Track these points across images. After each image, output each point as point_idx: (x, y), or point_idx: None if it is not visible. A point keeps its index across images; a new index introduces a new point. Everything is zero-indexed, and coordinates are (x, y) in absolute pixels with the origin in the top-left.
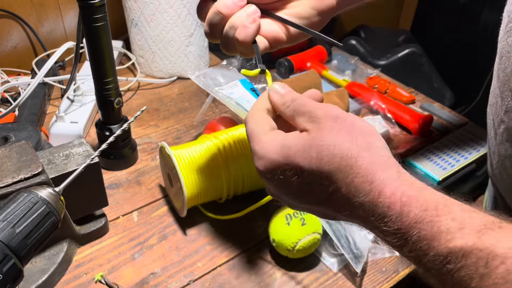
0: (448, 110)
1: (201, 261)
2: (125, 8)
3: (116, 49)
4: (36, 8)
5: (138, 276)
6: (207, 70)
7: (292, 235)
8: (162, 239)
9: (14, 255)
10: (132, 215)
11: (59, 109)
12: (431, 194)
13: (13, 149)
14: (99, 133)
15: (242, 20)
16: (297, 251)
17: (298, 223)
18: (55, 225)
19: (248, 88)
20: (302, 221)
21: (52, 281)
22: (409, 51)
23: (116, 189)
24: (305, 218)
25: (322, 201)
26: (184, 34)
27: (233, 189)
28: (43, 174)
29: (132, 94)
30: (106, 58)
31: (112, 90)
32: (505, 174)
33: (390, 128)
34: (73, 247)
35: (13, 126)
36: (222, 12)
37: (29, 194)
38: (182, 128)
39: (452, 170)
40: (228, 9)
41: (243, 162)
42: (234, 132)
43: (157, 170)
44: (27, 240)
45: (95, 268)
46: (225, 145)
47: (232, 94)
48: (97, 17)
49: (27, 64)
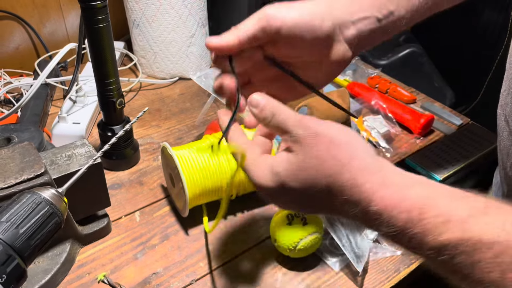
0: (449, 109)
1: (203, 260)
2: (127, 9)
3: (117, 50)
4: (38, 9)
5: (141, 276)
6: (208, 70)
7: (294, 234)
8: (164, 239)
9: (18, 256)
10: (134, 215)
11: (61, 110)
12: (416, 192)
13: (16, 150)
14: (101, 133)
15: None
16: (299, 250)
17: (300, 223)
18: (58, 226)
19: None
20: (303, 221)
21: (55, 281)
22: (409, 50)
23: (118, 189)
24: (306, 218)
25: (323, 209)
26: (185, 34)
27: (235, 189)
28: (46, 175)
29: (134, 95)
30: (108, 59)
31: (114, 90)
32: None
33: (391, 127)
34: (76, 247)
35: (15, 127)
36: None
37: (33, 195)
38: (183, 128)
39: (454, 170)
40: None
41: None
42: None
43: (159, 170)
44: (31, 241)
45: (97, 268)
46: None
47: None
48: (99, 19)
49: (29, 65)
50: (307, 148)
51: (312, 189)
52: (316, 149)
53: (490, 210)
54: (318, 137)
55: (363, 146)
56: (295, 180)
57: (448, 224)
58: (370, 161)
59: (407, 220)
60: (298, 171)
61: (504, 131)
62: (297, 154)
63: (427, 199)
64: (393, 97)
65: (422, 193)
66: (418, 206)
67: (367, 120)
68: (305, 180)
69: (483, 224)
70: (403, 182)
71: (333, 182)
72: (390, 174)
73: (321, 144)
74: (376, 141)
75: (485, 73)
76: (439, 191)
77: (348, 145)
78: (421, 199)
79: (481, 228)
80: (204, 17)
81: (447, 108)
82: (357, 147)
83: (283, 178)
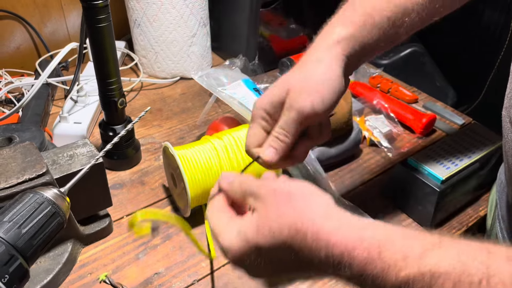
0: (451, 109)
1: (205, 261)
2: (128, 9)
3: (119, 50)
4: (39, 9)
5: (142, 276)
6: (210, 70)
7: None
8: (166, 239)
9: (20, 256)
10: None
11: (62, 109)
12: (373, 233)
13: (17, 150)
14: (102, 133)
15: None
16: None
17: None
18: (60, 226)
19: (251, 88)
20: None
21: (57, 281)
22: (411, 50)
23: (119, 189)
24: None
25: (295, 267)
26: (186, 34)
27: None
28: (48, 175)
29: (135, 95)
30: (110, 58)
31: (115, 90)
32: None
33: (393, 127)
34: (77, 247)
35: (17, 127)
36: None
37: (35, 195)
38: (185, 128)
39: (456, 170)
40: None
41: (246, 162)
42: (238, 133)
43: (161, 170)
44: (33, 241)
45: (99, 268)
46: (228, 145)
47: (235, 94)
48: (101, 18)
49: (30, 65)
50: (267, 203)
51: (277, 243)
52: (275, 203)
53: (444, 243)
54: (277, 191)
55: (321, 197)
56: (260, 236)
57: (406, 260)
58: (327, 209)
59: (367, 260)
60: (261, 226)
61: (509, 133)
62: (259, 211)
63: (384, 239)
64: (395, 97)
65: (379, 233)
66: (376, 245)
67: (369, 119)
68: (268, 233)
69: (438, 257)
70: (359, 224)
71: (294, 231)
72: (346, 219)
73: (279, 197)
74: (378, 140)
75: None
76: (393, 231)
77: (306, 196)
78: (378, 239)
79: (437, 261)
80: (205, 17)
81: (449, 107)
82: (315, 198)
83: (249, 235)
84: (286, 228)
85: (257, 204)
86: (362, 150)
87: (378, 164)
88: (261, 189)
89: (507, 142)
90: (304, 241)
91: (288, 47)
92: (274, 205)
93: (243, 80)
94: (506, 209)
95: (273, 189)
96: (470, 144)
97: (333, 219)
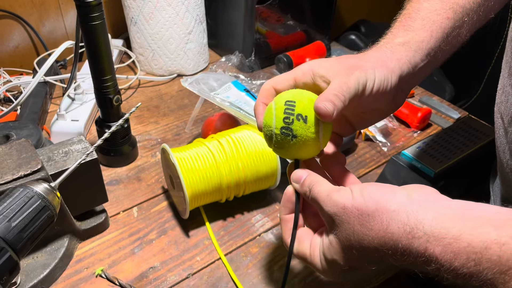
0: (447, 103)
1: (200, 255)
2: (124, 7)
3: (116, 48)
4: (37, 8)
5: (138, 270)
6: (198, 76)
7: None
8: (162, 234)
9: (10, 248)
10: (132, 210)
11: (60, 107)
12: (467, 238)
13: (13, 147)
14: (99, 130)
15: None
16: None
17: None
18: (50, 219)
19: (241, 89)
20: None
21: (54, 275)
22: None
23: (116, 185)
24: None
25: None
26: (183, 31)
27: (233, 192)
28: (43, 171)
29: (132, 92)
30: (104, 56)
31: (110, 87)
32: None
33: (388, 122)
34: (74, 242)
35: (14, 125)
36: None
37: (25, 189)
38: (182, 124)
39: (449, 163)
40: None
41: (245, 164)
42: (236, 134)
43: (157, 166)
44: (23, 234)
45: (95, 262)
46: (227, 148)
47: (228, 97)
48: (94, 16)
49: (29, 64)
50: (341, 227)
51: (362, 261)
52: (350, 226)
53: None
54: (347, 210)
55: (390, 204)
56: (347, 259)
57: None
58: (407, 220)
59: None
60: (344, 251)
61: (500, 129)
62: (337, 235)
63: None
64: None
65: (472, 237)
66: (474, 251)
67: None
68: (355, 258)
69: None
70: (451, 226)
71: (383, 253)
72: (434, 223)
73: (351, 218)
74: (373, 135)
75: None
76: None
77: (378, 213)
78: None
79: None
80: (201, 14)
81: (445, 101)
82: (387, 210)
83: (338, 263)
84: (375, 250)
85: (332, 226)
86: (357, 144)
87: (373, 158)
88: (329, 209)
89: (498, 137)
90: (395, 255)
91: (285, 43)
92: (349, 228)
93: (233, 82)
94: (500, 203)
95: (342, 206)
96: (464, 137)
97: (420, 236)
